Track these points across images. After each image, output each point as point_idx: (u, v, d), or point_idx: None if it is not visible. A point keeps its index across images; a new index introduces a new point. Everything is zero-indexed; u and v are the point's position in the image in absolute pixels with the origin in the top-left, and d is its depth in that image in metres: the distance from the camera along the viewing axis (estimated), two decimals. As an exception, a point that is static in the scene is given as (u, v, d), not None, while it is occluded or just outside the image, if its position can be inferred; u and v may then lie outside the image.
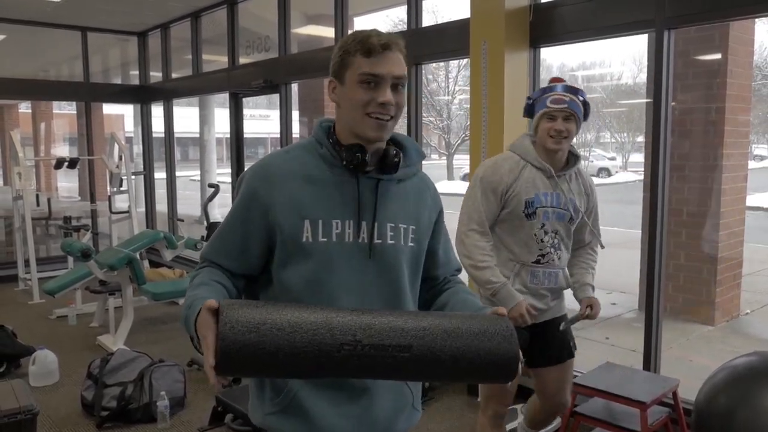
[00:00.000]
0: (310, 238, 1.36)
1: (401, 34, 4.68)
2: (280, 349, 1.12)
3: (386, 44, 1.34)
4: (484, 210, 2.43)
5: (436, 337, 1.20)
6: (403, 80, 1.37)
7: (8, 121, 18.67)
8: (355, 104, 1.35)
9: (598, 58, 23.79)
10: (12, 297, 6.70)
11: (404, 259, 1.44)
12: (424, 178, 1.56)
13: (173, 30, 7.67)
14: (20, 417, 1.68)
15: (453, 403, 3.86)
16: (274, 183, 1.39)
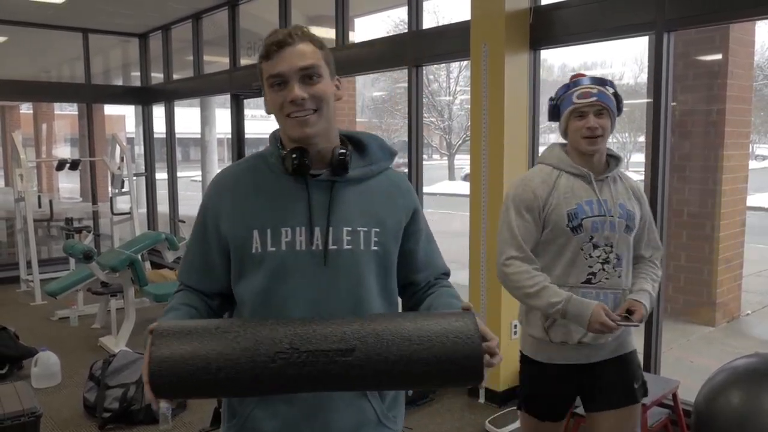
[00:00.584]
0: (259, 248, 1.31)
1: (402, 35, 4.70)
2: (211, 366, 1.09)
3: (281, 41, 1.27)
4: (521, 233, 2.08)
5: (382, 339, 1.12)
6: (312, 69, 1.28)
7: (9, 122, 18.70)
8: (275, 109, 1.32)
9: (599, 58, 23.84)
10: (14, 298, 6.72)
11: (366, 264, 1.34)
12: (393, 176, 1.45)
13: (174, 31, 7.69)
14: (24, 419, 1.69)
15: (453, 405, 3.86)
16: (222, 195, 1.37)
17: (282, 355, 1.10)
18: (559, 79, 24.77)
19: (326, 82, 1.31)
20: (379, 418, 1.38)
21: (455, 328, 1.13)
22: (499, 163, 3.71)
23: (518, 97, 3.75)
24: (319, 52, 1.30)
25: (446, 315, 1.18)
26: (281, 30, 1.30)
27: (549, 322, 2.11)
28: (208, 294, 1.41)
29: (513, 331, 3.83)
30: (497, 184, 3.73)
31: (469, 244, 3.93)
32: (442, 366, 1.11)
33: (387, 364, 1.11)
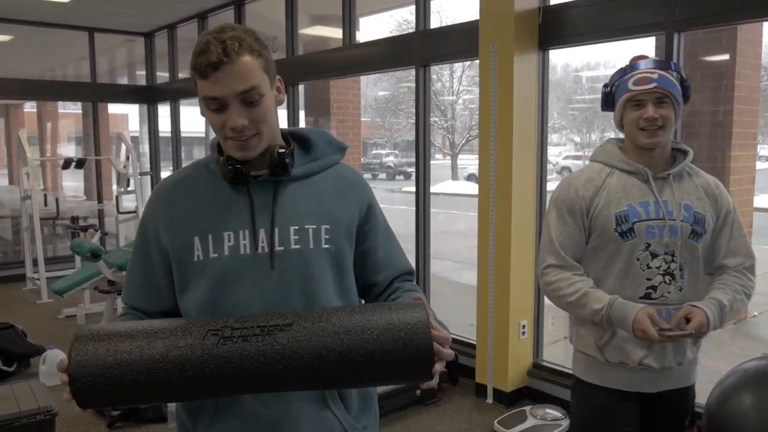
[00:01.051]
0: (201, 255, 1.24)
1: (410, 35, 4.69)
2: (137, 357, 1.02)
3: (215, 62, 1.15)
4: (560, 238, 1.84)
5: (324, 318, 1.06)
6: (252, 92, 1.18)
7: (14, 120, 18.71)
8: (213, 127, 1.23)
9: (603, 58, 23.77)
10: (20, 296, 6.74)
11: (317, 264, 1.26)
12: (342, 170, 1.37)
13: (180, 30, 7.69)
14: (39, 417, 1.70)
15: (461, 405, 3.86)
16: (160, 205, 1.30)
17: (214, 331, 1.04)
18: (562, 79, 24.74)
19: (267, 97, 1.22)
20: (345, 428, 1.28)
21: (404, 318, 1.06)
22: (508, 163, 3.71)
23: (527, 97, 3.75)
24: (259, 63, 1.19)
25: (396, 305, 1.12)
26: (214, 42, 1.16)
27: (604, 339, 1.83)
28: (152, 315, 1.31)
29: (522, 332, 3.83)
30: (505, 184, 3.73)
31: (478, 245, 3.93)
32: (389, 356, 1.04)
33: (326, 346, 1.04)
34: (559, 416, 3.46)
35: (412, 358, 1.05)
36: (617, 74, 1.90)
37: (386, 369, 1.05)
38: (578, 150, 26.12)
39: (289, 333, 1.04)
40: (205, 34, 1.19)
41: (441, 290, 6.73)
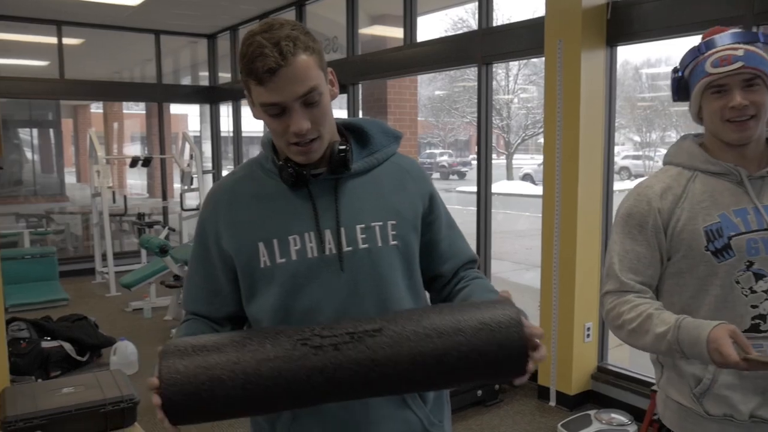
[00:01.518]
0: (267, 262, 1.19)
1: (472, 33, 4.66)
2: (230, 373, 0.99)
3: (273, 68, 1.08)
4: (627, 261, 1.49)
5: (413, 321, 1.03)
6: (312, 94, 1.13)
7: (81, 121, 19.48)
8: (273, 132, 1.18)
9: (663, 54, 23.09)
10: (90, 290, 7.01)
11: (388, 262, 1.22)
12: (401, 161, 1.31)
13: (242, 32, 7.85)
14: (123, 405, 1.76)
15: (523, 407, 3.82)
16: (220, 210, 1.25)
17: (303, 340, 1.01)
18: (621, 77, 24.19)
19: (326, 96, 1.17)
20: (425, 427, 1.26)
21: (496, 316, 1.03)
22: (574, 163, 3.64)
23: (594, 95, 3.67)
24: (314, 60, 1.14)
25: (485, 303, 1.08)
26: (268, 46, 1.09)
27: (702, 386, 1.45)
28: (216, 320, 1.29)
29: (586, 334, 3.76)
30: (571, 184, 3.66)
31: (542, 245, 3.87)
32: (485, 357, 1.01)
33: (419, 350, 1.00)
34: (626, 422, 3.38)
35: (508, 357, 1.02)
36: (690, 54, 1.52)
37: (482, 369, 1.03)
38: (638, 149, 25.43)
39: (379, 339, 1.01)
40: (252, 34, 1.12)
41: (499, 291, 6.65)
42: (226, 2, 6.78)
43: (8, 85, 7.15)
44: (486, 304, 1.08)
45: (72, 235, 9.51)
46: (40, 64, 8.79)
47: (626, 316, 1.46)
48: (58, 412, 1.70)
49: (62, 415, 1.70)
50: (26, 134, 14.29)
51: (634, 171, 22.21)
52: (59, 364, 4.33)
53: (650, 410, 3.04)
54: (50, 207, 11.11)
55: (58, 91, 7.71)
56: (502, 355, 1.02)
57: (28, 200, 13.09)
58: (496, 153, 26.92)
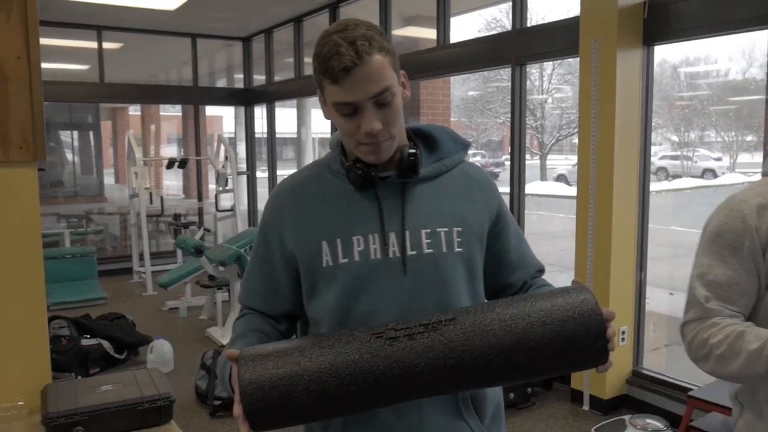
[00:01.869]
0: (330, 261, 1.19)
1: (506, 34, 4.63)
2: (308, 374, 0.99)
3: (348, 66, 1.08)
4: (716, 286, 1.31)
5: (488, 310, 1.02)
6: (385, 94, 1.12)
7: (120, 123, 19.91)
8: (343, 132, 1.18)
9: (703, 53, 22.59)
10: (128, 289, 7.15)
11: (452, 268, 1.21)
12: (469, 169, 1.31)
13: (276, 34, 7.93)
14: (160, 403, 1.80)
15: (557, 411, 3.78)
16: (284, 208, 1.25)
17: (377, 333, 1.01)
18: (659, 76, 23.72)
19: (398, 96, 1.16)
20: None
21: (574, 302, 1.00)
22: (609, 164, 3.60)
23: (630, 95, 3.62)
24: (388, 61, 1.13)
25: (560, 290, 1.05)
26: (344, 45, 1.09)
27: None
28: (274, 316, 1.29)
29: (621, 338, 3.71)
30: (606, 186, 3.62)
31: (576, 247, 3.83)
32: (561, 340, 0.98)
33: (495, 334, 0.99)
34: (662, 427, 3.32)
35: (587, 339, 0.99)
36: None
37: (561, 353, 1.00)
38: (676, 150, 24.96)
39: (454, 326, 1.00)
40: (328, 34, 1.12)
41: (532, 293, 6.59)
42: (260, 6, 6.86)
43: (50, 88, 7.27)
44: (561, 291, 1.06)
45: (110, 235, 9.73)
46: (81, 68, 9.01)
47: (713, 340, 1.26)
48: (97, 408, 1.74)
49: (102, 412, 1.74)
50: (67, 136, 14.66)
51: (672, 171, 21.79)
52: (98, 361, 4.43)
53: (687, 416, 2.99)
54: (90, 208, 11.38)
55: (97, 95, 7.88)
56: (579, 336, 0.99)
57: (68, 201, 13.42)
58: (529, 153, 26.69)
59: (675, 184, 19.17)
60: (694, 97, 24.06)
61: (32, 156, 1.88)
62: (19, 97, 1.84)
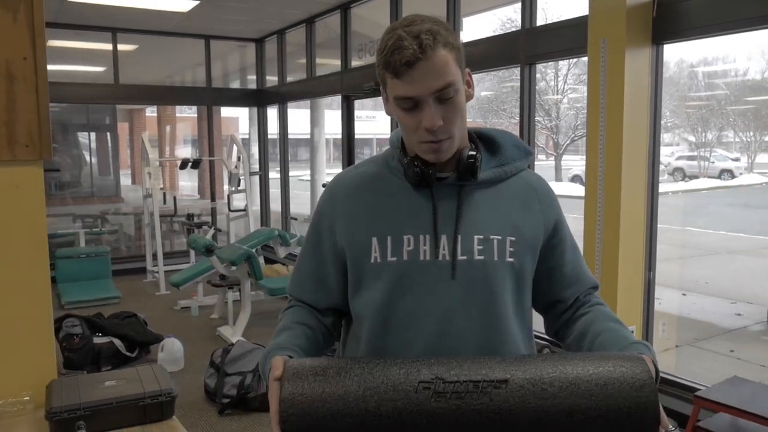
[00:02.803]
0: (378, 257, 1.18)
1: (515, 33, 4.62)
2: (349, 400, 0.98)
3: (411, 60, 1.07)
4: None
5: (542, 376, 0.98)
6: (448, 90, 1.11)
7: (137, 124, 20.10)
8: (404, 128, 1.18)
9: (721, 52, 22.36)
10: (141, 288, 7.22)
11: (501, 277, 1.18)
12: (530, 178, 1.28)
13: (288, 35, 7.98)
14: (161, 398, 1.82)
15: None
16: (338, 201, 1.25)
17: (425, 384, 0.97)
18: (675, 75, 23.52)
19: (461, 94, 1.15)
20: None
21: (630, 375, 0.97)
22: (617, 164, 3.57)
23: (639, 95, 3.59)
24: (453, 57, 1.12)
25: (617, 357, 1.01)
26: (407, 39, 1.08)
27: None
28: (320, 309, 1.29)
29: (629, 338, 3.68)
30: (614, 186, 3.59)
31: (583, 247, 3.81)
32: (613, 415, 0.96)
33: (546, 409, 0.96)
34: (671, 428, 3.29)
35: (637, 425, 0.97)
36: None
37: None
38: (692, 150, 24.69)
39: (505, 392, 0.97)
40: (393, 28, 1.11)
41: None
42: (273, 7, 6.91)
43: (66, 90, 7.43)
44: (619, 359, 1.02)
45: (125, 235, 9.83)
46: (97, 70, 9.11)
47: None
48: (99, 404, 1.77)
49: (103, 407, 1.77)
50: (84, 138, 14.82)
51: (689, 172, 21.58)
52: (110, 359, 4.48)
53: (693, 417, 2.96)
54: (105, 208, 11.51)
55: (112, 96, 7.97)
56: (630, 423, 0.97)
57: (85, 202, 13.57)
58: (545, 154, 26.57)
59: (691, 184, 18.98)
60: (712, 96, 23.83)
61: (38, 154, 1.91)
62: (26, 97, 1.88)
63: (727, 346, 5.15)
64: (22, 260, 1.92)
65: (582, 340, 1.22)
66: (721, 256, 8.59)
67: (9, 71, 1.85)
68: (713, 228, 10.30)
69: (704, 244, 9.16)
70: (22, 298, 1.93)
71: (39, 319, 1.97)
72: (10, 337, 1.93)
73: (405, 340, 1.18)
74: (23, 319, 1.93)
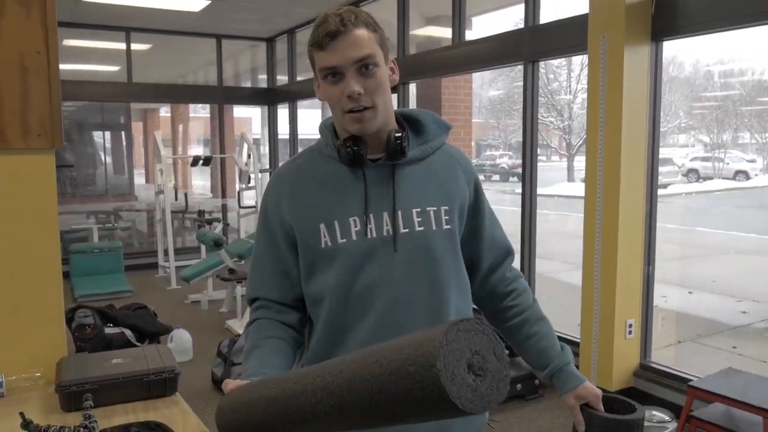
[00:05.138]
0: (329, 242, 1.26)
1: (518, 31, 4.69)
2: None
3: (332, 31, 1.19)
4: None
5: None
6: (368, 60, 1.20)
7: (150, 123, 20.32)
8: (330, 102, 1.26)
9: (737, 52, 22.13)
10: (153, 283, 7.35)
11: (440, 244, 1.29)
12: (451, 150, 1.39)
13: (299, 35, 8.08)
14: (165, 375, 1.91)
15: (563, 402, 3.82)
16: (283, 194, 1.32)
17: None
18: (691, 76, 23.30)
19: (382, 70, 1.24)
20: None
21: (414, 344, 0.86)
22: (616, 162, 3.63)
23: (637, 92, 3.65)
24: (374, 37, 1.23)
25: None
26: (332, 15, 1.21)
27: None
28: (286, 303, 1.34)
29: (628, 331, 3.74)
30: (613, 183, 3.65)
31: (584, 242, 3.87)
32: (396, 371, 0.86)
33: None
34: (666, 419, 3.35)
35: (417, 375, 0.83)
36: None
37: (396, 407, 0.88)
38: (707, 151, 24.50)
39: None
40: (323, 13, 1.24)
41: (549, 290, 6.63)
42: (284, 7, 7.01)
43: (81, 88, 7.59)
44: None
45: (138, 232, 9.98)
46: (111, 69, 9.27)
47: None
48: (106, 379, 1.86)
49: (110, 382, 1.86)
50: (99, 137, 15.01)
51: (703, 173, 21.43)
52: (120, 349, 4.59)
53: (687, 406, 3.02)
54: (119, 205, 11.67)
55: (126, 94, 8.11)
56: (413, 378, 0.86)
57: (99, 200, 13.75)
58: (558, 155, 26.50)
59: (705, 186, 18.86)
60: (727, 97, 23.61)
61: (50, 143, 2.01)
62: (38, 89, 1.97)
63: (730, 343, 5.18)
64: (34, 244, 2.02)
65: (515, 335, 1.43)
66: (729, 255, 8.58)
67: (23, 64, 1.95)
68: (724, 228, 10.28)
69: (713, 244, 9.16)
70: (34, 280, 2.02)
71: (50, 300, 2.07)
72: (23, 317, 2.02)
73: (361, 312, 1.27)
74: (35, 301, 2.03)
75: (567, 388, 1.38)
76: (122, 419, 1.77)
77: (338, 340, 1.29)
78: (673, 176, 18.66)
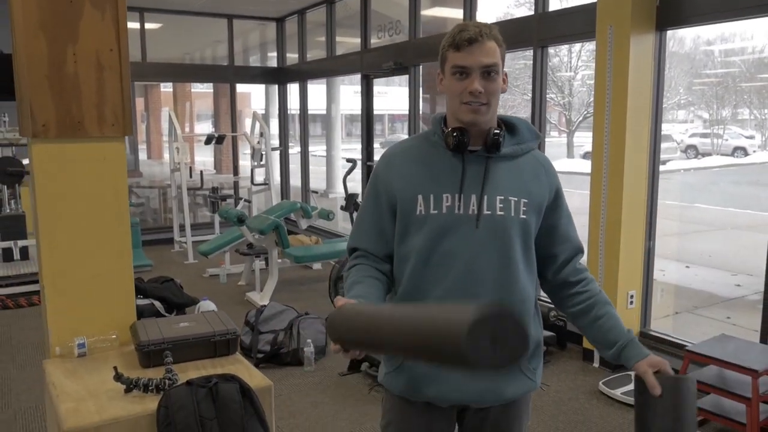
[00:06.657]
0: (422, 210, 1.51)
1: (528, 17, 4.89)
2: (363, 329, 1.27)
3: (472, 38, 1.44)
4: None
5: None
6: (492, 68, 1.46)
7: (151, 100, 20.39)
8: (452, 94, 1.50)
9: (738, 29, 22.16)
10: (170, 257, 7.61)
11: (514, 229, 1.51)
12: (539, 156, 1.62)
13: (309, 14, 8.23)
14: (228, 336, 2.17)
15: (569, 367, 4.12)
16: (392, 166, 1.59)
17: None
18: (692, 52, 23.36)
19: (499, 78, 1.49)
20: (520, 368, 1.55)
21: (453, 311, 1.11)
22: (621, 143, 3.88)
23: (642, 79, 3.87)
24: (500, 51, 1.49)
25: None
26: (472, 26, 1.47)
27: None
28: (380, 257, 1.60)
29: (629, 301, 4.02)
30: (618, 161, 3.90)
31: (589, 217, 4.13)
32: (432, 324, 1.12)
33: None
34: (664, 382, 3.63)
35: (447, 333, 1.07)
36: None
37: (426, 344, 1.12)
38: (707, 127, 24.60)
39: None
40: (462, 22, 1.52)
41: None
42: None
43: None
44: None
45: (150, 209, 10.21)
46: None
47: None
48: (179, 339, 2.12)
49: (183, 342, 2.12)
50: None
51: (702, 149, 21.58)
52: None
53: (683, 369, 3.30)
54: (129, 182, 11.85)
55: (140, 73, 8.27)
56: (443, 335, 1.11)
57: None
58: (557, 131, 26.59)
59: (703, 162, 18.99)
60: (727, 74, 23.66)
61: (122, 132, 2.25)
62: (112, 82, 2.21)
63: (724, 314, 5.47)
64: (108, 223, 2.28)
65: (584, 318, 1.60)
66: (726, 231, 8.85)
67: (99, 61, 2.18)
68: (722, 205, 10.53)
69: (711, 220, 9.42)
70: (111, 252, 2.28)
71: (122, 272, 2.33)
72: (99, 286, 2.29)
73: (439, 275, 1.52)
74: (112, 271, 2.29)
75: (641, 357, 1.51)
76: (194, 374, 2.04)
77: (418, 300, 1.54)
78: (672, 152, 18.78)
